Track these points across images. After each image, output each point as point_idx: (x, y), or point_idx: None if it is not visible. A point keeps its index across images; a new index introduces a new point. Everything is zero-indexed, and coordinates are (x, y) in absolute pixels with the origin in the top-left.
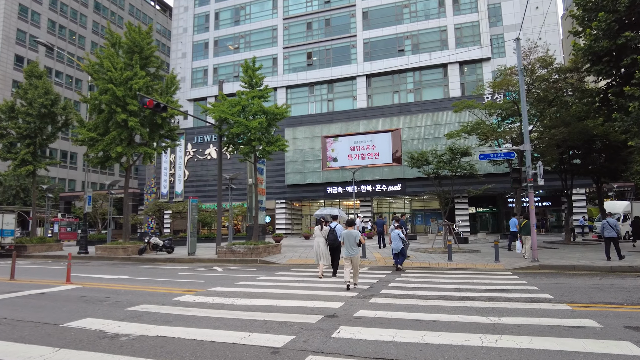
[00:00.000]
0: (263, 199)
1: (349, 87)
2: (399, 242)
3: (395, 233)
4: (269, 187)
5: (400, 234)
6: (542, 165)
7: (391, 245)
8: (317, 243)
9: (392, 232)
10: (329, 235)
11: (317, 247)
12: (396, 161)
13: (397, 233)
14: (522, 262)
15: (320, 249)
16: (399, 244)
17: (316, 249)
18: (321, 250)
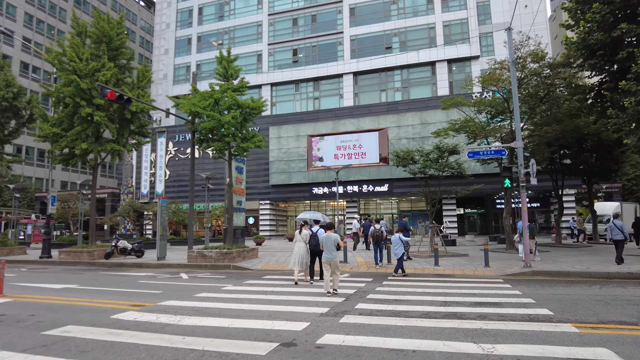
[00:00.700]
0: (243, 200)
1: (336, 85)
2: (400, 246)
3: (396, 237)
4: (252, 188)
5: (402, 238)
6: (535, 163)
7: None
8: (298, 248)
9: (393, 237)
10: (311, 240)
11: (296, 252)
12: (383, 161)
13: (398, 237)
14: (513, 268)
15: (300, 254)
16: (400, 249)
17: (295, 253)
18: (301, 256)
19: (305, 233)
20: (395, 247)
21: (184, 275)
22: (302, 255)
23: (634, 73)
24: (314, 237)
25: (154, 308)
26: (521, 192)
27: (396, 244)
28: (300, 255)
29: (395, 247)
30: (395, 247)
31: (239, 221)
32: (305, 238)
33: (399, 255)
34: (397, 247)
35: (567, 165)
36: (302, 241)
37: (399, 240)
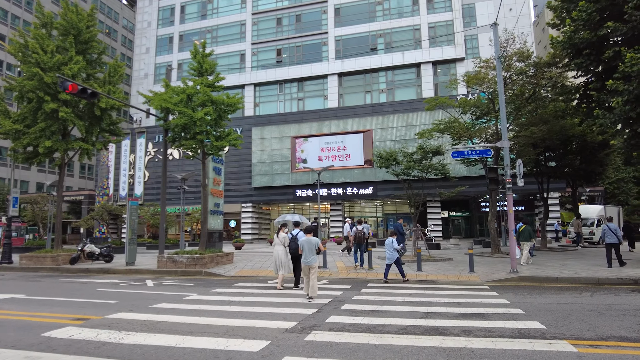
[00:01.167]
0: (221, 202)
1: (320, 86)
2: (393, 252)
3: (389, 241)
4: (234, 190)
5: (394, 243)
6: (522, 164)
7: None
8: (276, 252)
9: (387, 241)
10: (290, 243)
11: (276, 256)
12: (368, 163)
13: (391, 241)
14: (499, 274)
15: (279, 259)
16: (393, 254)
17: (275, 258)
18: (280, 260)
19: (283, 236)
20: (387, 251)
21: (149, 282)
22: (282, 259)
23: (620, 72)
24: (293, 240)
25: (99, 322)
26: (507, 194)
27: (388, 248)
28: (280, 259)
29: (387, 251)
30: (387, 252)
31: (217, 224)
32: (284, 241)
33: (391, 260)
34: (389, 251)
35: (552, 168)
36: (280, 244)
37: (391, 245)
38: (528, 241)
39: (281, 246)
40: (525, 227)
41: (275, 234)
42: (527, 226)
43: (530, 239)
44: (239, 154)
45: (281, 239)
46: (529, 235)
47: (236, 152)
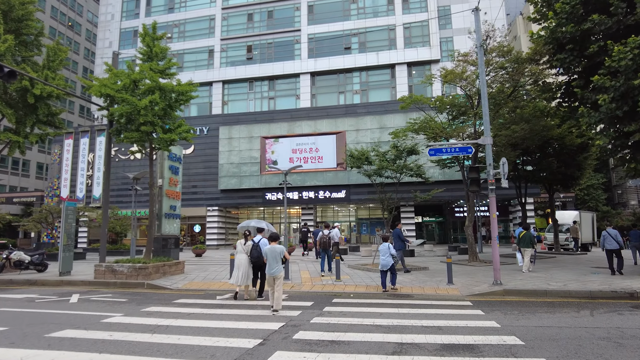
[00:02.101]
0: (178, 205)
1: (292, 85)
2: (388, 257)
3: (384, 247)
4: (199, 192)
5: (390, 248)
6: (507, 163)
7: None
8: (239, 260)
9: (382, 246)
10: (252, 251)
11: (238, 266)
12: (341, 166)
13: (387, 247)
14: (481, 286)
15: (240, 268)
16: (388, 260)
17: (236, 268)
18: (242, 269)
19: (249, 244)
20: (382, 256)
21: (75, 297)
22: (244, 268)
23: (606, 67)
24: (255, 248)
25: None
26: (490, 197)
27: (383, 254)
28: (241, 268)
29: (383, 256)
30: (382, 257)
31: (173, 229)
32: (248, 249)
33: (386, 267)
34: (384, 257)
35: (530, 172)
36: (244, 252)
37: (387, 250)
38: (529, 247)
39: (244, 254)
40: (526, 233)
41: (238, 241)
42: (528, 232)
43: (531, 245)
44: (206, 154)
45: (246, 247)
46: (530, 242)
47: (202, 152)
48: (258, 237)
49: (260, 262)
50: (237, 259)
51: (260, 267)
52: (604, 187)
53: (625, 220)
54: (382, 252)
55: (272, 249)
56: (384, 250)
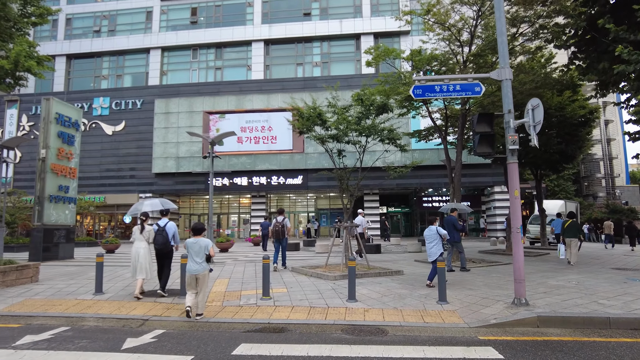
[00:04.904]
0: (72, 184)
1: (243, 54)
2: (437, 244)
3: (432, 230)
4: (130, 176)
5: (439, 230)
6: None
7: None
8: (136, 250)
9: (428, 231)
10: (156, 237)
11: (134, 257)
12: (297, 147)
13: (433, 231)
14: (493, 307)
15: (139, 258)
16: (437, 249)
17: (134, 258)
18: (140, 260)
19: (149, 229)
20: (428, 243)
21: None
22: (142, 258)
23: None
24: (160, 233)
25: None
26: (509, 162)
27: (431, 240)
28: (139, 259)
29: (430, 243)
30: (430, 246)
31: (63, 217)
32: (149, 236)
33: (434, 256)
34: (432, 245)
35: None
36: (143, 240)
37: (437, 235)
38: (575, 238)
39: (144, 242)
40: (572, 222)
41: (135, 226)
42: (574, 221)
43: (577, 235)
44: (139, 132)
45: (145, 233)
46: (577, 231)
47: (135, 129)
48: (164, 221)
49: (167, 249)
50: (133, 248)
51: (166, 256)
52: (574, 178)
53: (598, 212)
54: (428, 239)
55: (194, 243)
56: (431, 235)
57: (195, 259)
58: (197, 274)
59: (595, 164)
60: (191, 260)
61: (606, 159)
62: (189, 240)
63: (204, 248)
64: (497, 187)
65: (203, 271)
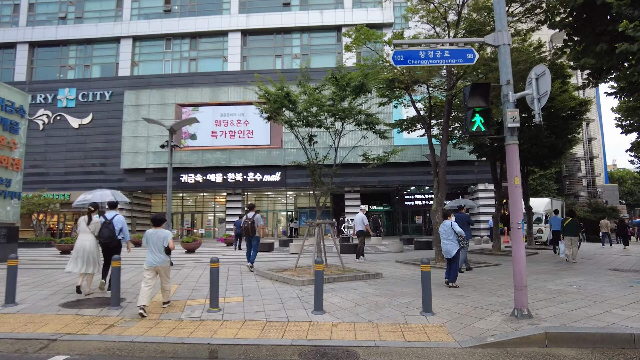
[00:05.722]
0: (16, 178)
1: (219, 45)
2: (453, 241)
3: (446, 226)
4: (98, 172)
5: (454, 226)
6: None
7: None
8: (81, 243)
9: (443, 226)
10: (102, 230)
11: (79, 249)
12: (275, 143)
13: (448, 226)
14: (487, 318)
15: (84, 252)
16: (452, 246)
17: (77, 251)
18: (85, 253)
19: (96, 221)
20: (444, 239)
21: None
22: (89, 251)
23: None
24: (107, 226)
25: None
26: (507, 144)
27: (447, 236)
28: (85, 252)
29: (445, 239)
30: (445, 241)
31: (3, 215)
32: (95, 228)
33: (451, 253)
34: (448, 241)
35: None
36: (89, 232)
37: (450, 230)
38: (575, 236)
39: (89, 234)
40: (572, 220)
41: (82, 217)
42: (574, 219)
43: (576, 233)
44: (107, 125)
45: (92, 225)
46: (577, 230)
47: (103, 122)
48: (112, 213)
49: (114, 243)
50: (78, 240)
51: (114, 251)
52: (556, 177)
53: (580, 211)
54: (444, 234)
55: (153, 234)
56: (446, 231)
57: (155, 251)
58: (157, 266)
59: (577, 163)
60: (150, 252)
61: (587, 158)
62: (149, 231)
63: (163, 239)
64: (480, 185)
65: (163, 263)
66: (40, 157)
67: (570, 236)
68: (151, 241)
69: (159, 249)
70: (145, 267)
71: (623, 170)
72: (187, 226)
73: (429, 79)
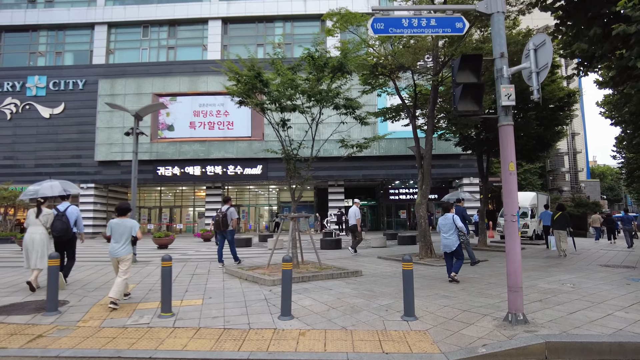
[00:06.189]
0: None
1: (199, 33)
2: (453, 234)
3: (446, 220)
4: (70, 164)
5: (456, 220)
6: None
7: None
8: (30, 236)
9: (442, 219)
10: (55, 223)
11: (27, 243)
12: (257, 134)
13: (449, 219)
14: (478, 324)
15: (34, 245)
16: (452, 239)
17: (25, 246)
18: (36, 247)
19: (47, 212)
20: (443, 234)
21: None
22: (39, 244)
23: None
24: (60, 218)
25: None
26: (501, 125)
27: (446, 230)
28: (35, 245)
29: (445, 234)
30: (445, 235)
31: None
32: (46, 220)
33: (450, 247)
34: (448, 234)
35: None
36: (40, 225)
37: (451, 224)
38: (565, 229)
39: (40, 227)
40: (561, 214)
41: (31, 209)
42: (564, 213)
43: (567, 227)
44: (80, 115)
45: (43, 217)
46: (567, 224)
47: (76, 112)
48: (64, 205)
49: (68, 236)
50: (27, 234)
51: (68, 245)
52: (540, 172)
53: (566, 205)
54: (444, 228)
55: (119, 224)
56: (447, 224)
57: (119, 241)
58: (119, 257)
59: (560, 159)
60: (114, 242)
61: (571, 153)
62: (113, 220)
63: (129, 229)
64: (465, 179)
65: (126, 254)
66: (7, 148)
67: (559, 230)
68: (116, 231)
69: (125, 239)
70: (112, 256)
71: (604, 167)
72: (165, 221)
73: (414, 63)
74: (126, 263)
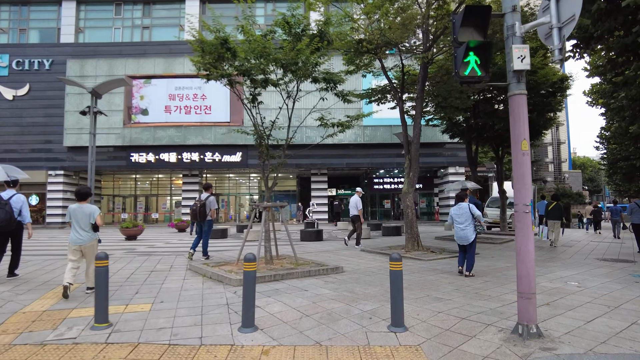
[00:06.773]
0: None
1: (175, 12)
2: (469, 225)
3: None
4: (38, 150)
5: (472, 209)
6: None
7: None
8: None
9: (454, 209)
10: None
11: None
12: (236, 120)
13: (465, 209)
14: (481, 337)
15: None
16: (468, 231)
17: None
18: None
19: None
20: (457, 225)
21: None
22: None
23: None
24: (3, 207)
25: None
26: (511, 95)
27: (462, 221)
28: None
29: (460, 225)
30: (459, 226)
31: None
32: None
33: (467, 239)
34: (464, 225)
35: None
36: None
37: (467, 213)
38: (559, 220)
39: None
40: (556, 204)
41: None
42: (559, 203)
43: (561, 217)
44: (47, 97)
45: None
46: (561, 214)
47: (43, 94)
48: (9, 192)
49: (11, 227)
50: None
51: (13, 236)
52: None
53: (548, 196)
54: (459, 219)
55: (78, 210)
56: (463, 214)
57: (79, 228)
58: (82, 245)
59: (544, 149)
60: (74, 230)
61: (555, 144)
62: (72, 206)
63: (88, 216)
64: (451, 168)
65: (89, 241)
66: None
67: (553, 220)
68: (75, 218)
69: (84, 225)
70: (70, 246)
71: (584, 158)
72: (141, 210)
73: (402, 38)
74: (92, 251)
